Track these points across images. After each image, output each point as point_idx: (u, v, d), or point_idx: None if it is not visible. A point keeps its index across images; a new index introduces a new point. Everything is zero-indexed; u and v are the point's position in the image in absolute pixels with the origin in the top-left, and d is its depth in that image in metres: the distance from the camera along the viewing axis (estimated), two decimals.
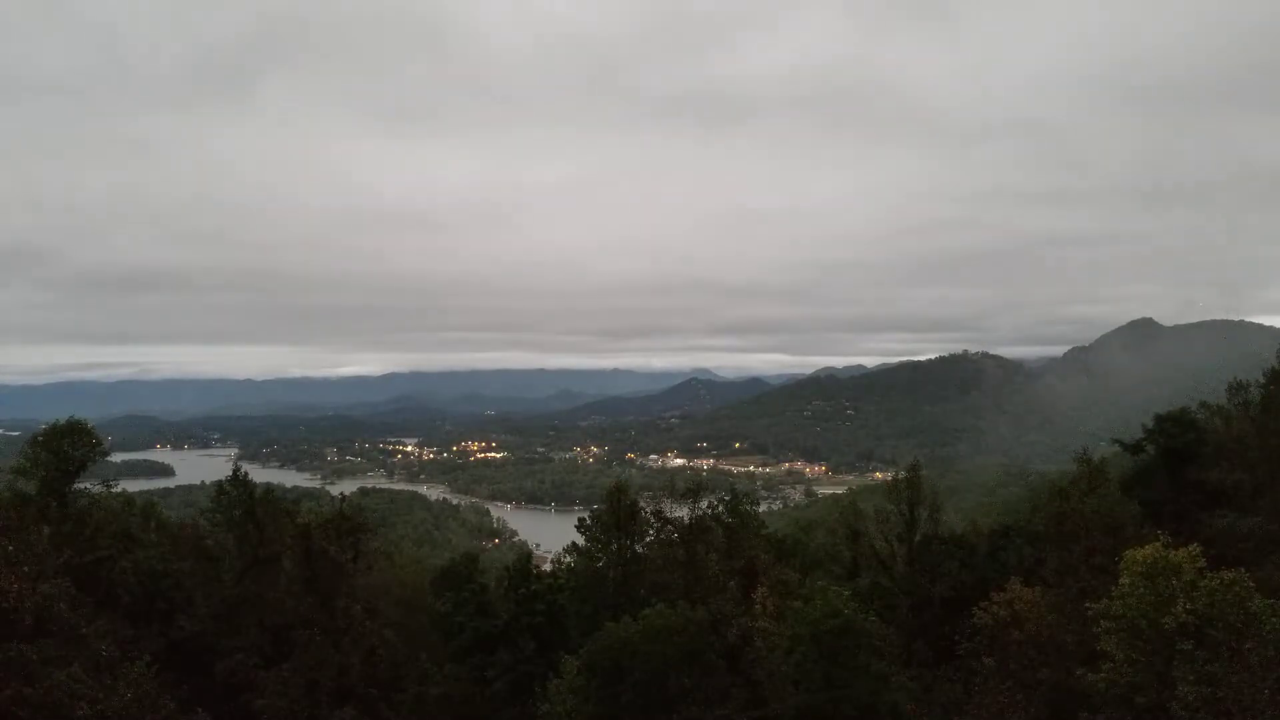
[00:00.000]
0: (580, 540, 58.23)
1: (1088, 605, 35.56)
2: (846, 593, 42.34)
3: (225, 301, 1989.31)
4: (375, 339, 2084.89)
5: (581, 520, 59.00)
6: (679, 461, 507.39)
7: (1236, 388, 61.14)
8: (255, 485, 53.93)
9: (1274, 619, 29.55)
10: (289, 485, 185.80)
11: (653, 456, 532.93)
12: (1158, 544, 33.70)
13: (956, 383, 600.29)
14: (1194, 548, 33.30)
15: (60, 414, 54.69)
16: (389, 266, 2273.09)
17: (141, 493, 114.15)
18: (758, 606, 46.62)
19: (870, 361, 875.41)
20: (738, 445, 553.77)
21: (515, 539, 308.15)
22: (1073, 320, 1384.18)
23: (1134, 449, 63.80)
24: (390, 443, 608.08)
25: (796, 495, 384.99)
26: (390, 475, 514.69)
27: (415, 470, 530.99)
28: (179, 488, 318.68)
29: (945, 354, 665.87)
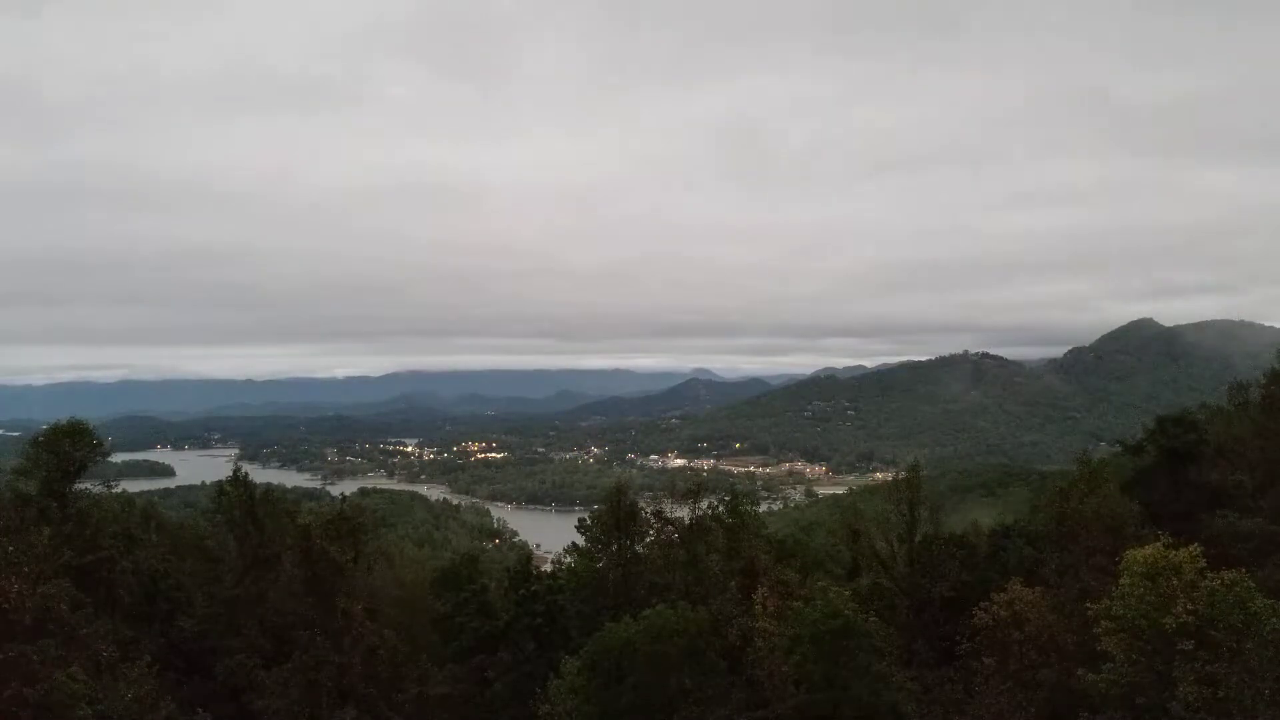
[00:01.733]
0: (580, 540, 58.18)
1: (1088, 605, 35.60)
2: (847, 593, 42.29)
3: (222, 303, 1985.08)
4: (375, 339, 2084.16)
5: (582, 521, 58.95)
6: (679, 462, 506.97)
7: (1236, 388, 61.15)
8: (255, 485, 54.07)
9: (1274, 619, 29.59)
10: (289, 485, 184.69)
11: (653, 457, 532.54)
12: (1158, 544, 33.76)
13: (956, 383, 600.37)
14: (1194, 548, 33.31)
15: (60, 414, 54.81)
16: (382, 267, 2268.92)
17: (142, 493, 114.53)
18: (758, 607, 46.50)
19: (870, 362, 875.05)
20: (738, 445, 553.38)
21: (515, 539, 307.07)
22: (1073, 321, 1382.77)
23: (1135, 449, 63.74)
24: (390, 443, 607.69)
25: (797, 495, 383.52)
26: (391, 475, 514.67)
27: (416, 470, 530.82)
28: (179, 488, 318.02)
29: (945, 354, 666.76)
